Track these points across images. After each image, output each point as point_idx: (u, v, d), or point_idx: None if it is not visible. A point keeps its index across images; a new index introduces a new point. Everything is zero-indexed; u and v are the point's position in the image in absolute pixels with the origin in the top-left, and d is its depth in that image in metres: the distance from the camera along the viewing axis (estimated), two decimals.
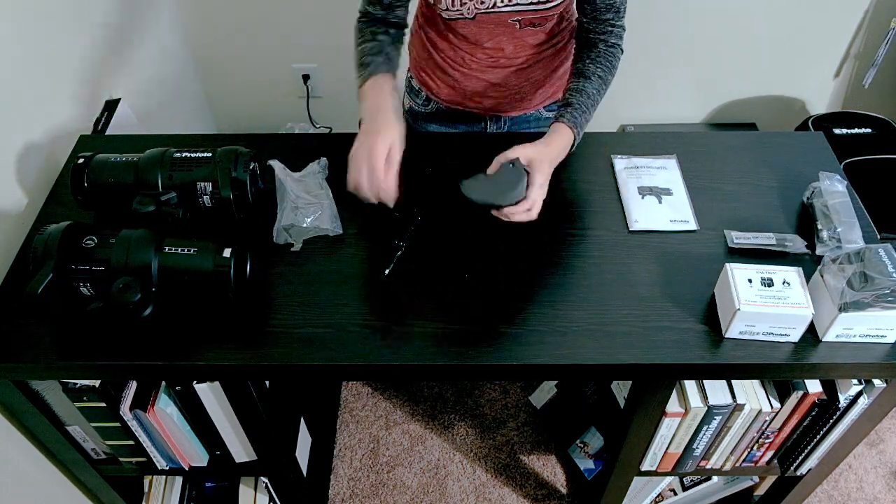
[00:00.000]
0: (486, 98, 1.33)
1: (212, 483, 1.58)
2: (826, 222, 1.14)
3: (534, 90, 1.33)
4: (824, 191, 1.17)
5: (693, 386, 1.15)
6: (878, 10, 2.07)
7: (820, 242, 1.13)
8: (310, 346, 1.03)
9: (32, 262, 0.99)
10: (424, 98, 1.40)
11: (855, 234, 1.12)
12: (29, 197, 1.27)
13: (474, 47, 1.25)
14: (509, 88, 1.31)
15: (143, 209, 1.05)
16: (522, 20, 1.19)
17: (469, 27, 1.21)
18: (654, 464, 1.30)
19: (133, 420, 1.16)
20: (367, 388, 1.98)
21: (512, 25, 1.20)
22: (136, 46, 1.76)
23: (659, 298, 1.09)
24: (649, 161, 1.29)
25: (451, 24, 1.22)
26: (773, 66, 2.21)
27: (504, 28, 1.20)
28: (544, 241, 1.17)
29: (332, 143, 1.35)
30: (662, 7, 2.05)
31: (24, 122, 1.28)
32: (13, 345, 1.04)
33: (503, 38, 1.22)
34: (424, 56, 1.34)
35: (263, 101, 2.31)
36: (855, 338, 1.02)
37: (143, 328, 1.03)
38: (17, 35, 1.26)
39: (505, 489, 1.77)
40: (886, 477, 1.79)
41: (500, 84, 1.30)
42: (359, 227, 1.19)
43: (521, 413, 1.92)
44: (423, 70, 1.36)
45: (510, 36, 1.22)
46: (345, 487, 1.78)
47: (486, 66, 1.28)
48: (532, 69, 1.29)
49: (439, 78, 1.34)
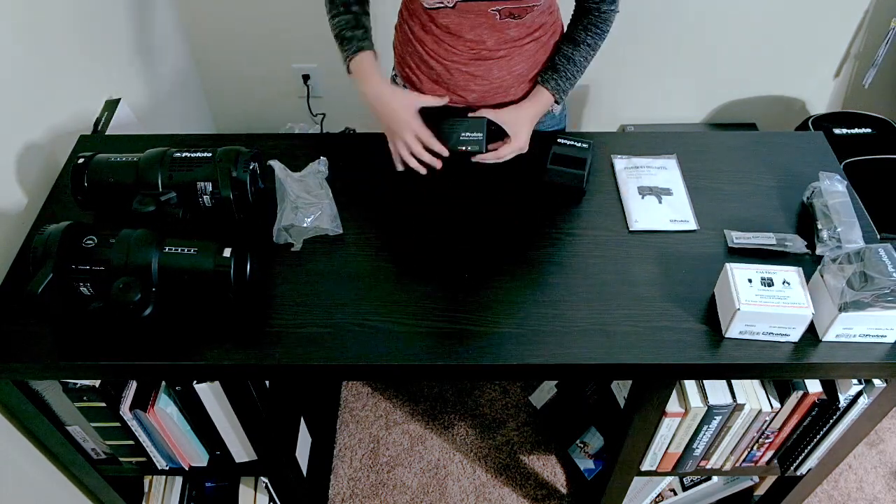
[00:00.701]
0: (470, 91, 1.33)
1: (212, 483, 1.58)
2: (826, 222, 1.14)
3: (517, 83, 1.33)
4: (824, 191, 1.17)
5: (693, 386, 1.15)
6: (878, 10, 2.07)
7: (820, 242, 1.13)
8: (310, 346, 1.03)
9: (32, 262, 0.99)
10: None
11: (855, 234, 1.12)
12: (29, 197, 1.27)
13: (456, 39, 1.26)
14: (492, 81, 1.31)
15: (143, 209, 1.05)
16: (502, 10, 1.20)
17: (450, 17, 1.22)
18: (654, 464, 1.30)
19: (133, 420, 1.16)
20: (367, 388, 1.98)
21: (492, 16, 1.21)
22: (136, 46, 1.76)
23: (659, 298, 1.09)
24: (649, 161, 1.29)
25: (433, 14, 1.23)
26: (773, 66, 2.21)
27: (484, 19, 1.21)
28: (544, 240, 1.17)
29: (333, 143, 1.35)
30: (662, 7, 2.05)
31: (24, 122, 1.28)
32: (13, 345, 1.04)
33: (483, 29, 1.23)
34: (409, 50, 1.34)
35: (263, 101, 2.31)
36: (855, 338, 1.02)
37: (144, 328, 1.03)
38: (16, 35, 1.26)
39: (505, 489, 1.77)
40: (886, 477, 1.79)
41: (483, 77, 1.30)
42: (359, 227, 1.19)
43: (521, 413, 1.92)
44: (407, 65, 1.37)
45: (491, 28, 1.23)
46: (345, 487, 1.78)
47: (469, 59, 1.28)
48: (514, 62, 1.29)
49: (423, 72, 1.34)
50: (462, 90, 1.33)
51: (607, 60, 2.15)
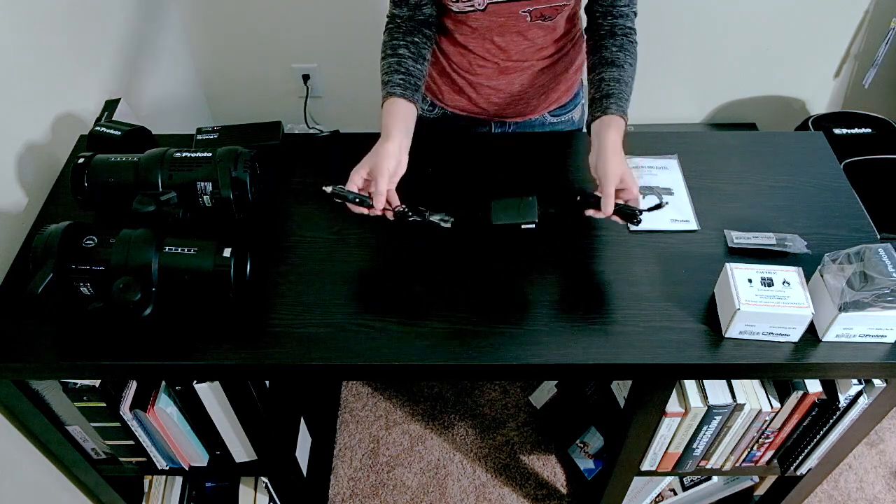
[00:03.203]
0: (492, 104, 1.33)
1: (212, 483, 1.58)
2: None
3: (538, 95, 1.33)
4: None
5: (693, 386, 1.15)
6: (878, 10, 2.07)
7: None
8: (310, 346, 1.03)
9: (32, 262, 0.99)
10: (430, 103, 1.40)
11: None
12: (29, 197, 1.27)
13: (482, 47, 1.24)
14: (514, 94, 1.31)
15: (143, 209, 1.05)
16: (533, 12, 1.18)
17: (480, 20, 1.20)
18: (654, 464, 1.30)
19: (133, 420, 1.16)
20: (367, 388, 1.98)
21: (522, 18, 1.19)
22: (137, 46, 1.76)
23: (659, 298, 1.09)
24: (651, 161, 1.29)
25: (462, 18, 1.21)
26: (773, 66, 2.21)
27: (514, 22, 1.19)
28: (544, 240, 1.17)
29: (333, 143, 1.35)
30: (662, 7, 2.05)
31: (24, 122, 1.28)
32: (13, 345, 1.04)
33: (512, 35, 1.22)
34: (432, 61, 1.34)
35: (263, 101, 2.31)
36: (855, 338, 1.02)
37: (143, 328, 1.03)
38: (17, 35, 1.26)
39: (505, 489, 1.77)
40: (886, 477, 1.79)
41: (506, 90, 1.30)
42: (359, 227, 1.19)
43: (521, 413, 1.92)
44: (430, 76, 1.36)
45: (519, 33, 1.21)
46: (345, 487, 1.78)
47: (493, 73, 1.28)
48: (538, 75, 1.29)
49: (445, 84, 1.34)
50: (484, 102, 1.33)
51: None
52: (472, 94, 1.32)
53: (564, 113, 1.40)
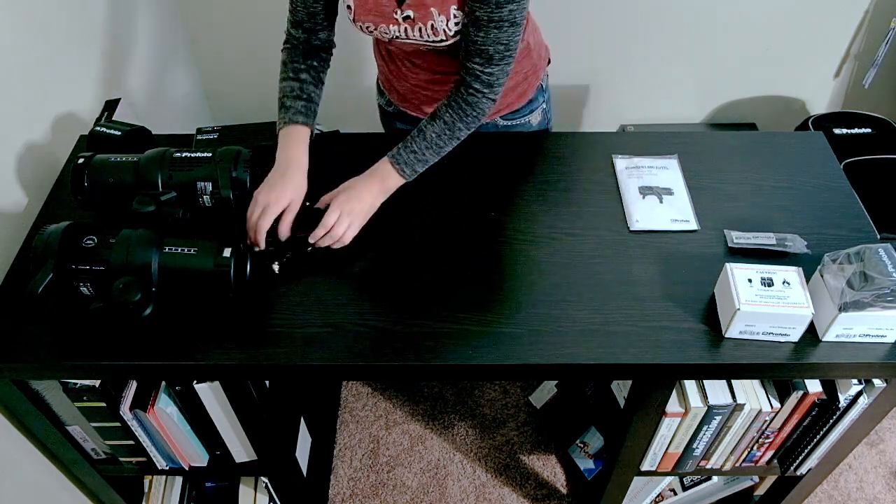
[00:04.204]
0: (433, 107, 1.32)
1: (212, 483, 1.58)
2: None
3: None
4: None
5: (693, 386, 1.15)
6: (878, 10, 2.07)
7: None
8: (310, 346, 1.03)
9: (32, 262, 0.99)
10: (387, 100, 1.43)
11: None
12: (29, 197, 1.27)
13: (406, 60, 1.26)
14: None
15: (143, 209, 1.05)
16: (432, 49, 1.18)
17: (393, 45, 1.21)
18: (654, 464, 1.30)
19: (133, 420, 1.16)
20: (367, 388, 1.98)
21: (429, 51, 1.20)
22: (136, 46, 1.76)
23: (659, 298, 1.09)
24: (651, 161, 1.29)
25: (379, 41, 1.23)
26: (773, 66, 2.21)
27: (425, 50, 1.20)
28: (544, 240, 1.17)
29: (333, 143, 1.35)
30: (663, 7, 2.05)
31: (24, 121, 1.28)
32: (13, 345, 1.04)
33: (429, 55, 1.22)
34: (379, 64, 1.37)
35: (263, 101, 2.30)
36: (855, 338, 1.02)
37: (143, 328, 1.03)
38: (16, 35, 1.26)
39: (505, 489, 1.77)
40: (886, 477, 1.79)
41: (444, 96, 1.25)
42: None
43: (521, 413, 1.92)
44: (382, 72, 1.39)
45: (436, 54, 1.21)
46: (345, 487, 1.78)
47: (425, 82, 1.29)
48: None
49: (391, 88, 1.37)
50: (428, 107, 1.33)
51: (607, 60, 2.16)
52: (413, 98, 1.34)
53: (519, 117, 1.38)
